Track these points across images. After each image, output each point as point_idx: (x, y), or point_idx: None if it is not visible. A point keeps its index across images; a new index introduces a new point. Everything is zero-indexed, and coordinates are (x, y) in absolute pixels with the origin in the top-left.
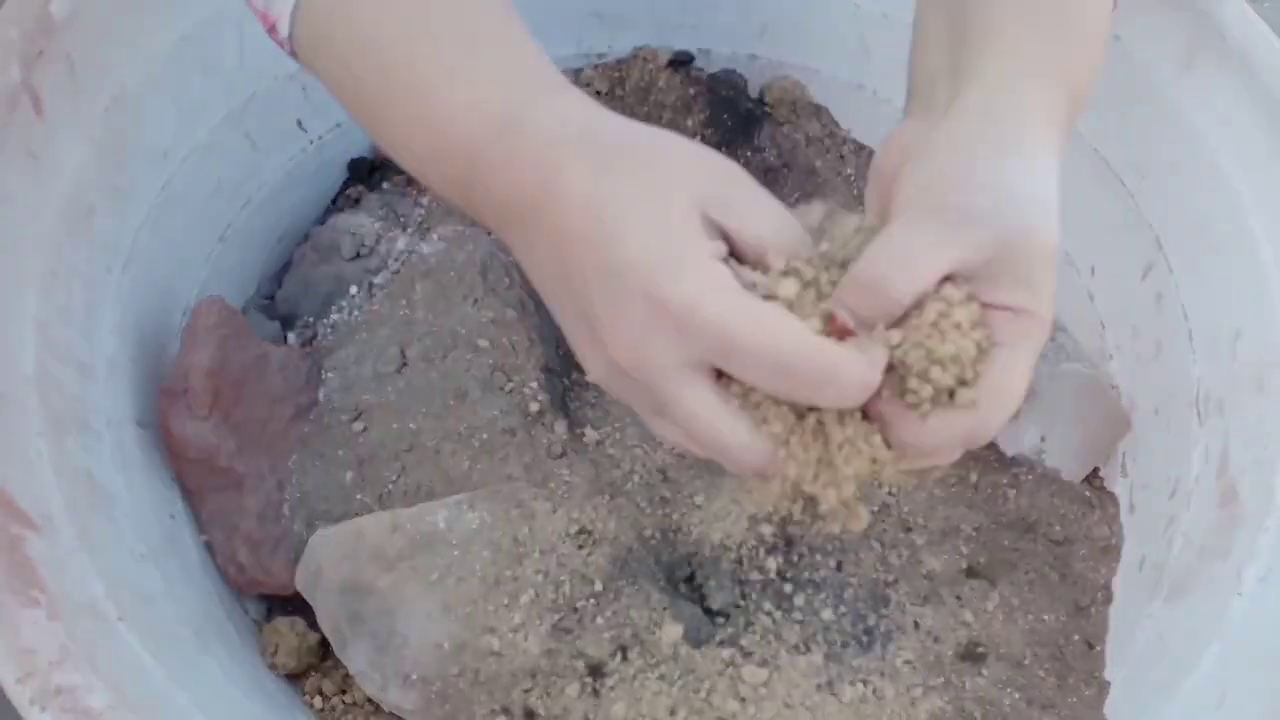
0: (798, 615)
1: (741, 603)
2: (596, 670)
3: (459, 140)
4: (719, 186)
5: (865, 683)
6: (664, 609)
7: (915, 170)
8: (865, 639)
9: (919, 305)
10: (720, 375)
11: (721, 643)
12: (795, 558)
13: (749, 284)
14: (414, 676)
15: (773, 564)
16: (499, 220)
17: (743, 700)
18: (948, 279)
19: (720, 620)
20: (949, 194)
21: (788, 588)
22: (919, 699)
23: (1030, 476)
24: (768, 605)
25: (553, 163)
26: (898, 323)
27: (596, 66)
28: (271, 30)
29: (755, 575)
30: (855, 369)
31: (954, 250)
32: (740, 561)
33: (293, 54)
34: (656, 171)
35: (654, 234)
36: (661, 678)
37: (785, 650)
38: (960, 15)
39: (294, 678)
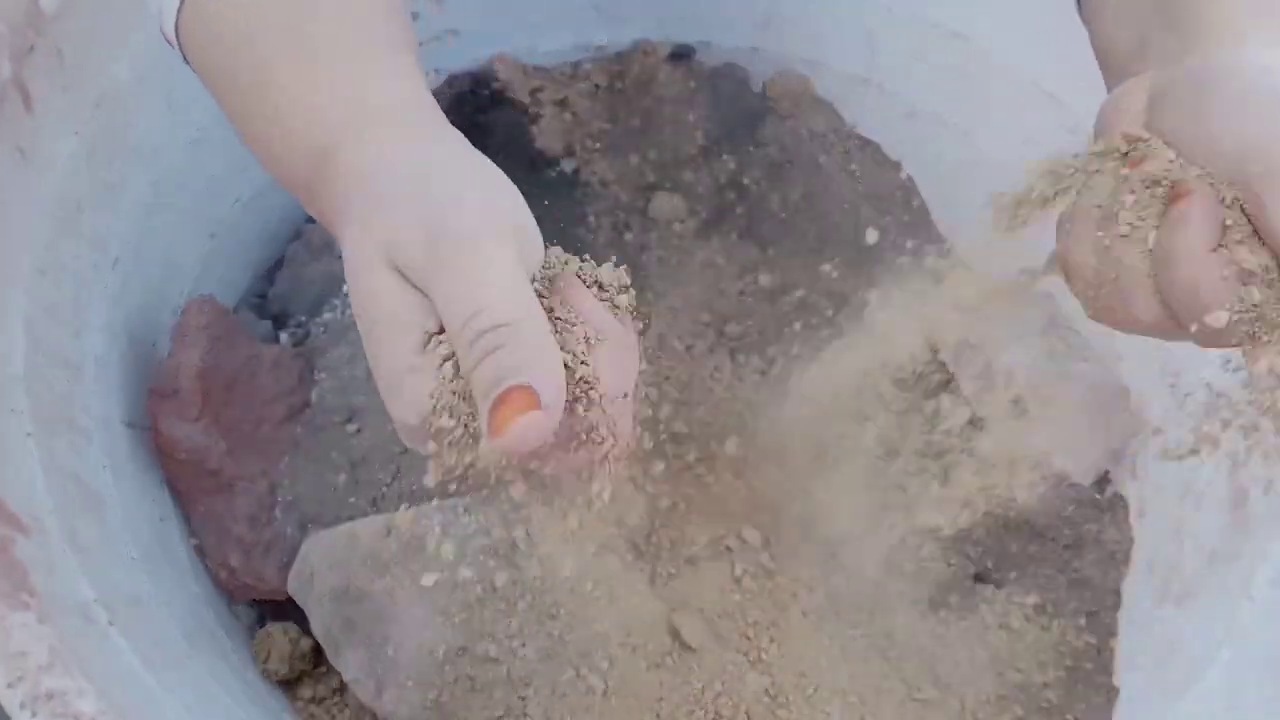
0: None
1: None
2: (595, 675)
3: (300, 150)
4: (422, 259)
5: (872, 689)
6: (664, 611)
7: (1186, 118)
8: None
9: None
10: None
11: (725, 648)
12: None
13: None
14: (408, 683)
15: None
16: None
17: (744, 706)
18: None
19: (722, 621)
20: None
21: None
22: (928, 703)
23: (1039, 479)
24: (770, 609)
25: (340, 212)
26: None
27: (595, 59)
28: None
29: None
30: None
31: None
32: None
33: (181, 51)
34: (376, 237)
35: (366, 311)
36: (662, 684)
37: (792, 655)
38: None
39: (286, 684)
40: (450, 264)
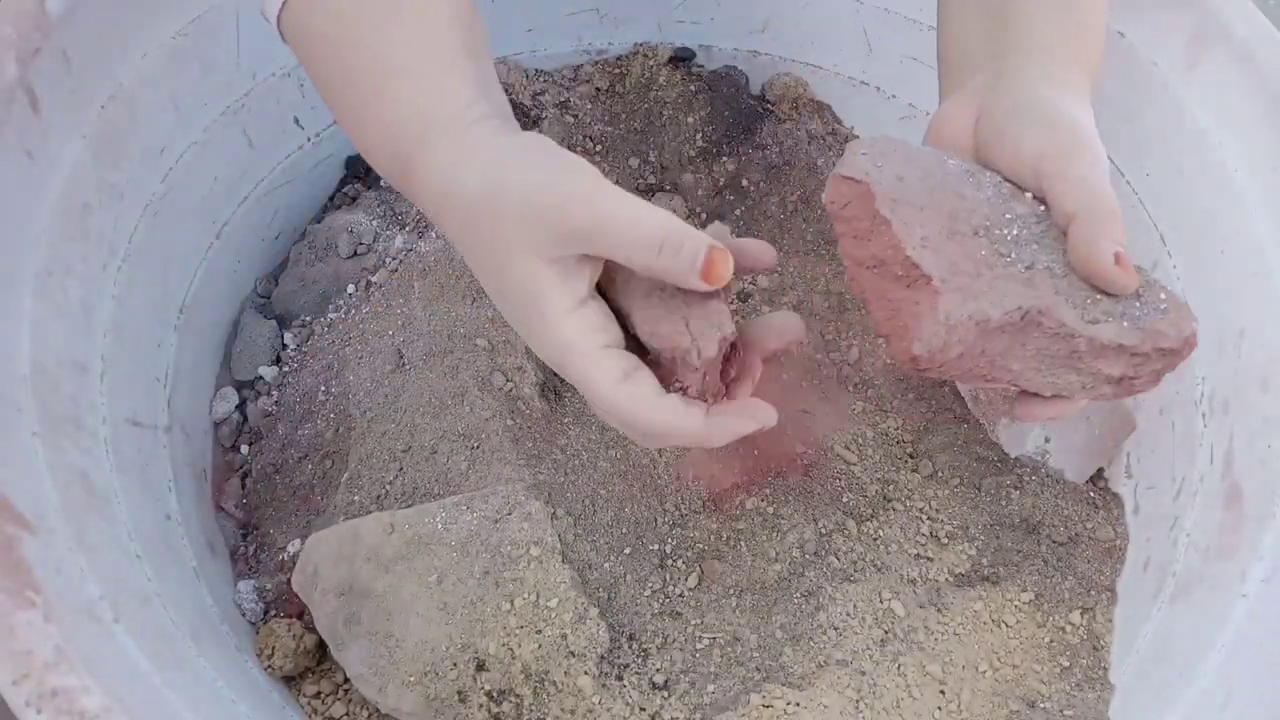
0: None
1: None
2: (598, 670)
3: (389, 145)
4: (563, 226)
5: (873, 689)
6: (663, 609)
7: (997, 135)
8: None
9: None
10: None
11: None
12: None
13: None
14: (411, 679)
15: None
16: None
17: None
18: None
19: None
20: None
21: (796, 596)
22: (925, 702)
23: (1034, 477)
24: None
25: (432, 207)
26: None
27: (596, 63)
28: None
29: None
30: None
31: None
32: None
33: (280, 34)
34: (499, 229)
35: (501, 292)
36: (664, 685)
37: (799, 659)
38: (994, 3)
39: (290, 680)
40: (601, 211)
